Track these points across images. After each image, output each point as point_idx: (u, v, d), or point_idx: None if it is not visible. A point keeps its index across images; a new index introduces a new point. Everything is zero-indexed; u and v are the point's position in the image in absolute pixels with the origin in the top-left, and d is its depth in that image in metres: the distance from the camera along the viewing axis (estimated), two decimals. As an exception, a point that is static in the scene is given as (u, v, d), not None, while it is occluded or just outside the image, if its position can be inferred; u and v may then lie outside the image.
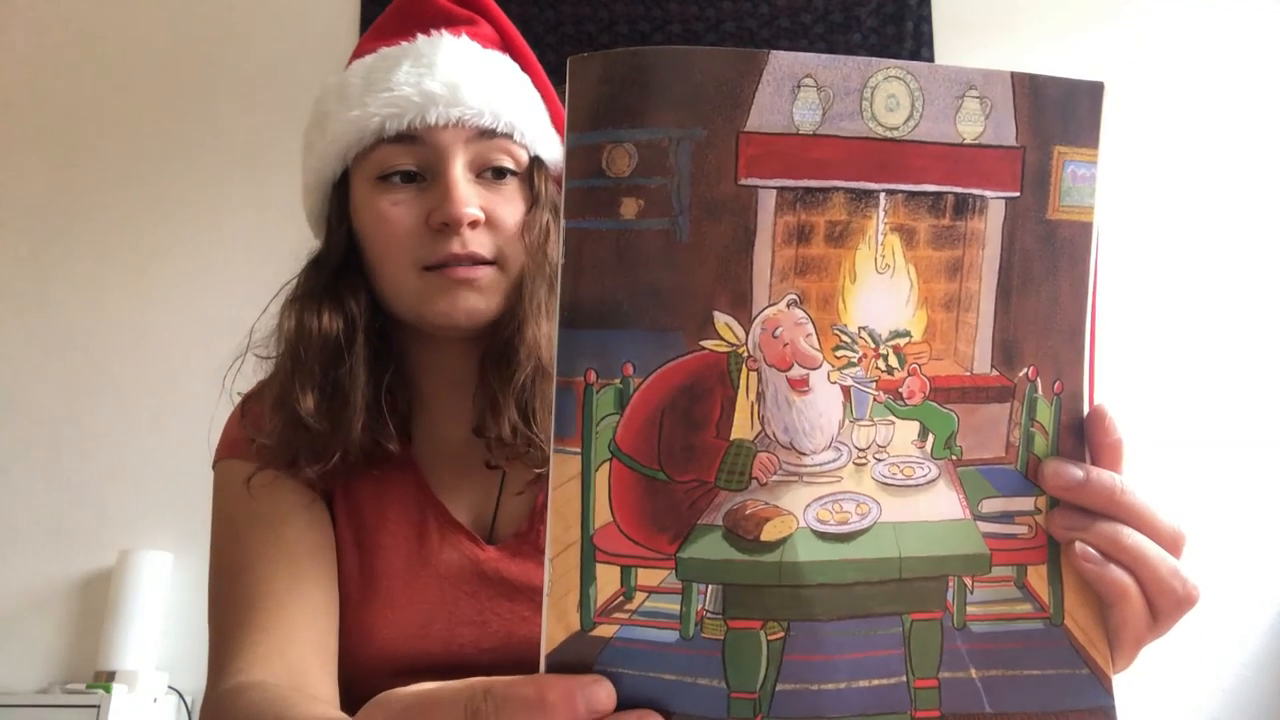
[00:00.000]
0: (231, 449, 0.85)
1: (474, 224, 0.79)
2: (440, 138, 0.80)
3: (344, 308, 0.82)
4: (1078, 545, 0.42)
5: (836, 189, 0.40)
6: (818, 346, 0.40)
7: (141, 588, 2.01)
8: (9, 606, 2.09)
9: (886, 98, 0.40)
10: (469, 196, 0.79)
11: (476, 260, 0.79)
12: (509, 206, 0.82)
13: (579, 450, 0.39)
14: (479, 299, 0.80)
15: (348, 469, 0.80)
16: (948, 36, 2.33)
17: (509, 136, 0.82)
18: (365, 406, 0.80)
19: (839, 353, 0.40)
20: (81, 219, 2.29)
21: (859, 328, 0.40)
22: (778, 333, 0.40)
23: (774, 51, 0.39)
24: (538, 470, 0.81)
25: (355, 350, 0.81)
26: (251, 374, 0.88)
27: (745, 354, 0.40)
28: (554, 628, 0.38)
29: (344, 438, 0.79)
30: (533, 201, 0.83)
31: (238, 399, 0.88)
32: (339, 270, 0.84)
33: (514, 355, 0.80)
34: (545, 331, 0.80)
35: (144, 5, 2.42)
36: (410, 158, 0.80)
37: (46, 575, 2.10)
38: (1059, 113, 0.42)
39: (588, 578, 0.39)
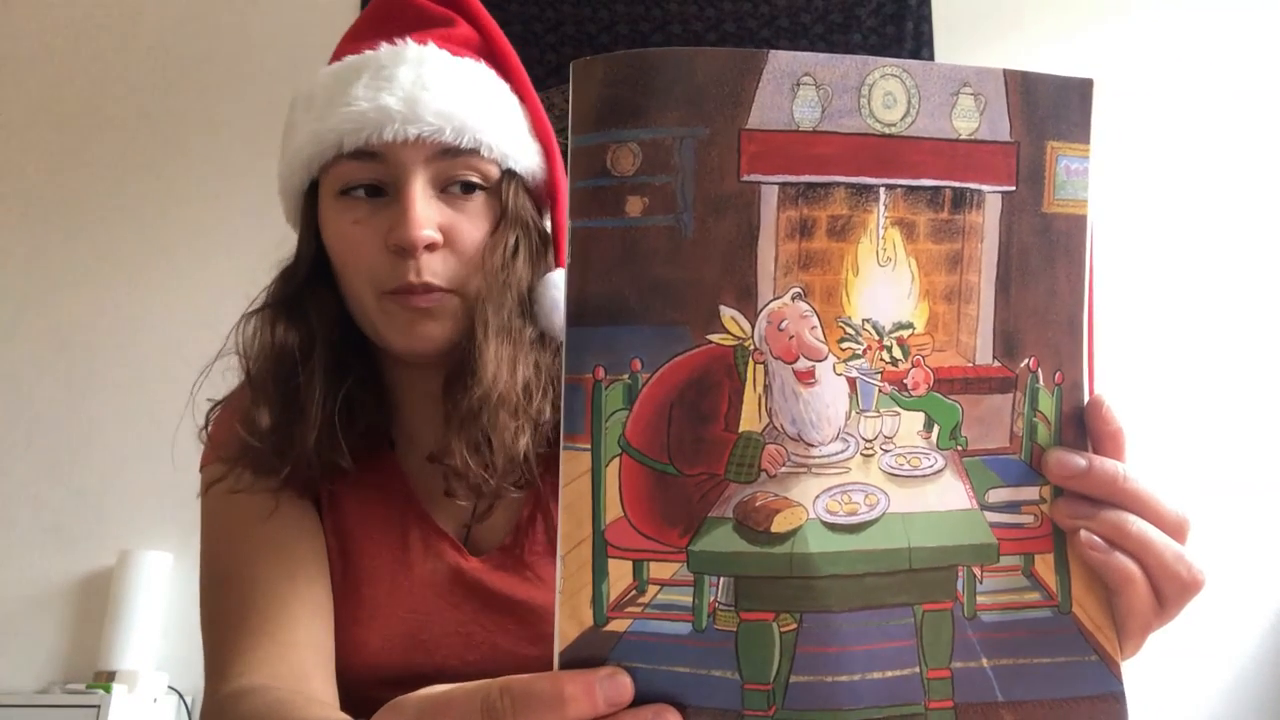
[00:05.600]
0: (216, 453, 0.84)
1: (431, 246, 0.76)
2: (400, 154, 0.76)
3: (304, 320, 0.80)
4: (1083, 533, 0.42)
5: (837, 184, 0.40)
6: (823, 339, 0.40)
7: (141, 588, 2.01)
8: (9, 606, 2.09)
9: (884, 95, 0.41)
10: (426, 218, 0.75)
11: (432, 289, 0.76)
12: (471, 224, 0.78)
13: (588, 447, 0.39)
14: (436, 326, 0.78)
15: (307, 480, 0.79)
16: (948, 36, 2.33)
17: (474, 152, 0.78)
18: (322, 421, 0.78)
19: (844, 345, 0.41)
20: (81, 219, 2.29)
21: (863, 320, 0.41)
22: (783, 326, 0.40)
23: (773, 51, 0.40)
24: (513, 494, 0.78)
25: (311, 364, 0.78)
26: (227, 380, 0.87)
27: (751, 347, 0.40)
28: (567, 624, 0.38)
29: (296, 452, 0.77)
30: (500, 216, 0.79)
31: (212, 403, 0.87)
32: (306, 280, 0.81)
33: (468, 382, 0.77)
34: (496, 357, 0.76)
35: (144, 5, 2.42)
36: (370, 174, 0.77)
37: (46, 575, 2.10)
38: (1051, 109, 0.42)
39: (600, 573, 0.39)
